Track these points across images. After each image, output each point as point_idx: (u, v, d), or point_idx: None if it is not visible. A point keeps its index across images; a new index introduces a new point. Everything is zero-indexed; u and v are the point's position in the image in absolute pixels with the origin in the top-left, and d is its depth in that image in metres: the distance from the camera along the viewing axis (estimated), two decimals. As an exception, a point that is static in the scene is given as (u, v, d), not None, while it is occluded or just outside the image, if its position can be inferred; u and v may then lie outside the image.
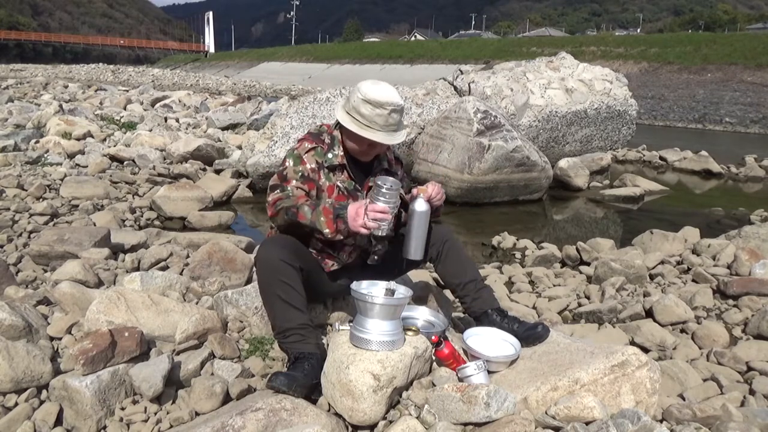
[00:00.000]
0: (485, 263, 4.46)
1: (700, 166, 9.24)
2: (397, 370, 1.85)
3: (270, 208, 2.14)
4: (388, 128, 2.15)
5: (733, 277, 3.70)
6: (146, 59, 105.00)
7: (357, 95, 2.14)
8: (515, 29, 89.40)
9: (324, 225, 2.00)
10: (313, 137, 2.25)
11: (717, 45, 28.62)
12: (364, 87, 2.16)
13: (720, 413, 1.99)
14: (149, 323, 2.28)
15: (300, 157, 2.18)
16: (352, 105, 2.15)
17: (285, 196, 2.11)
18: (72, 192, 5.27)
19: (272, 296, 2.06)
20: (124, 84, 30.53)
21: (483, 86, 7.79)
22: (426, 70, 36.87)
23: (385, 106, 2.11)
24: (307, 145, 2.20)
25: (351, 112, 2.16)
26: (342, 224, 1.99)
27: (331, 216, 2.00)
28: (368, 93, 2.12)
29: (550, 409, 1.79)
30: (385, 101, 2.11)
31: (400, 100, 2.16)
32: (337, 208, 2.02)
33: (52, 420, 1.89)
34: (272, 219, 2.16)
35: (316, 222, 2.01)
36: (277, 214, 2.11)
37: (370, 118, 2.12)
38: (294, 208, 2.05)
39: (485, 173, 6.26)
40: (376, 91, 2.14)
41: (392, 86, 2.22)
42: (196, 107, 13.37)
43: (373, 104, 2.11)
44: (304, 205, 2.05)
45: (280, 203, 2.10)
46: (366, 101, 2.11)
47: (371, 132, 2.13)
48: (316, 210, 2.03)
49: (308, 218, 2.02)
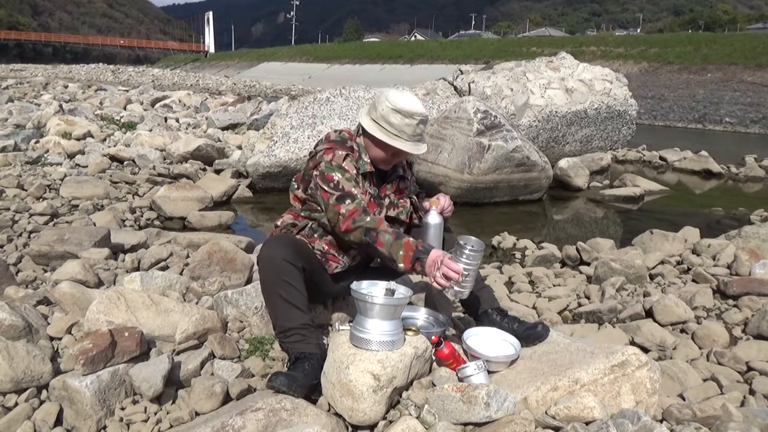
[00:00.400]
0: (485, 263, 4.46)
1: (700, 166, 9.24)
2: (397, 370, 1.85)
3: (345, 222, 2.04)
4: (415, 138, 2.17)
5: (733, 277, 3.70)
6: (146, 59, 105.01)
7: (386, 104, 2.14)
8: (515, 29, 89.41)
9: (401, 259, 1.98)
10: (340, 144, 2.19)
11: (717, 45, 28.63)
12: (393, 96, 2.16)
13: (720, 413, 1.99)
14: (149, 323, 2.28)
15: (341, 167, 2.13)
16: (380, 114, 2.14)
17: (360, 208, 2.05)
18: (72, 192, 5.27)
19: (274, 295, 2.06)
20: (124, 84, 30.53)
21: (483, 86, 7.79)
22: (426, 70, 36.88)
23: (415, 116, 2.13)
24: (341, 153, 2.15)
25: (378, 120, 2.16)
26: (419, 266, 1.97)
27: (411, 254, 1.97)
28: (398, 102, 2.13)
29: (550, 409, 1.79)
30: (414, 111, 2.13)
31: (426, 111, 2.19)
32: (419, 250, 1.97)
33: (52, 420, 1.89)
34: (344, 233, 2.07)
35: (394, 254, 1.98)
36: (354, 230, 2.03)
37: (399, 127, 2.13)
38: (374, 232, 2.01)
39: (485, 173, 6.26)
40: (406, 100, 2.15)
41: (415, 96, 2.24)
42: (196, 107, 13.37)
43: (403, 114, 2.12)
44: (385, 232, 2.01)
45: (359, 220, 2.03)
46: (396, 110, 2.12)
47: (400, 141, 2.14)
48: (396, 241, 1.98)
49: (386, 247, 1.99)
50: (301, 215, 2.28)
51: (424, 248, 1.99)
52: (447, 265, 1.92)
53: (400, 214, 2.33)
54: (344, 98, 6.80)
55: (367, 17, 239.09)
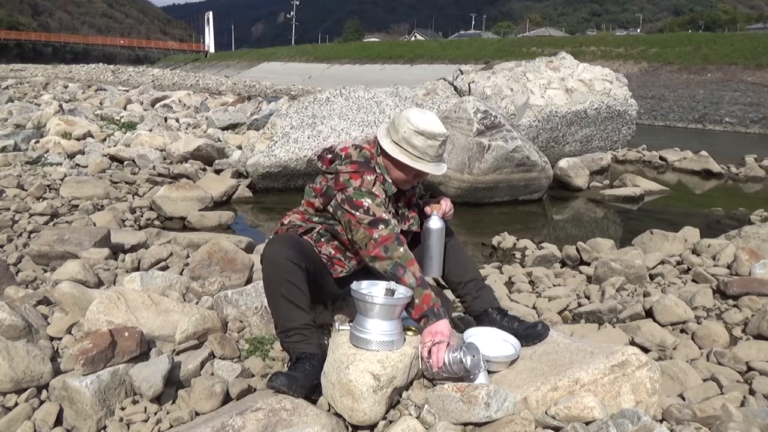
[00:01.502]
0: (485, 263, 4.46)
1: (700, 166, 9.23)
2: (397, 370, 1.85)
3: (376, 248, 2.02)
4: (437, 158, 2.16)
5: (733, 277, 3.69)
6: (146, 59, 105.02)
7: (408, 126, 2.11)
8: (515, 29, 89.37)
9: (414, 306, 1.99)
10: (365, 167, 2.14)
11: (717, 45, 28.61)
12: (414, 117, 2.13)
13: (720, 413, 1.99)
14: (149, 323, 2.28)
15: (371, 193, 2.09)
16: (402, 136, 2.12)
17: (393, 235, 2.04)
18: (72, 192, 5.27)
19: (277, 295, 2.06)
20: (124, 84, 30.53)
21: (483, 86, 7.79)
22: (426, 70, 36.88)
23: (438, 137, 2.12)
24: (369, 179, 2.12)
25: (401, 143, 2.13)
26: (424, 323, 1.98)
27: (425, 308, 1.97)
28: (420, 124, 2.11)
29: (550, 409, 1.79)
30: (438, 132, 2.12)
31: (446, 130, 2.18)
32: (432, 311, 1.97)
33: (52, 420, 1.89)
34: (372, 258, 2.04)
35: (412, 300, 1.99)
36: (384, 259, 2.02)
37: (422, 149, 2.11)
38: (402, 269, 2.00)
39: (485, 173, 6.26)
40: (428, 121, 2.13)
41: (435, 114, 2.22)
42: (196, 107, 13.37)
43: (426, 136, 2.10)
44: (413, 274, 2.00)
45: (392, 249, 2.02)
46: (419, 132, 2.10)
47: (423, 164, 2.13)
48: (418, 288, 1.99)
49: (407, 287, 1.99)
50: (313, 219, 2.25)
51: (437, 312, 1.98)
52: (437, 350, 1.92)
53: (412, 226, 2.33)
54: (344, 98, 6.80)
55: (367, 17, 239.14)
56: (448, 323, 2.00)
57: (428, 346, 1.93)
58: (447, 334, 1.95)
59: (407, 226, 2.32)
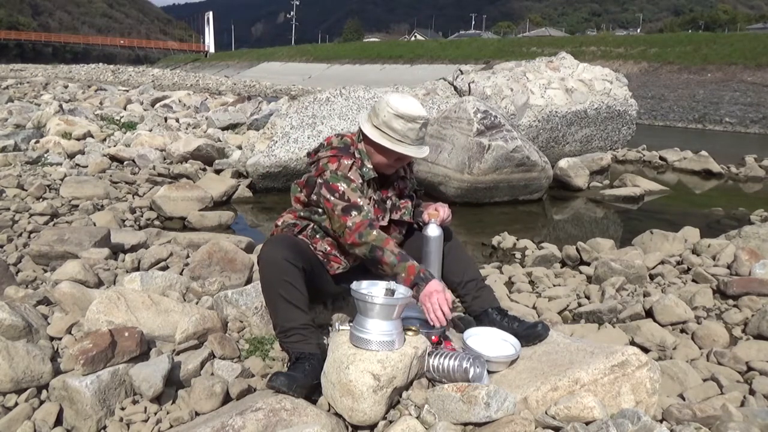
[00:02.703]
0: (485, 263, 4.45)
1: (700, 166, 9.23)
2: (397, 370, 1.85)
3: (351, 235, 2.05)
4: (418, 141, 2.17)
5: (733, 277, 3.69)
6: (146, 59, 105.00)
7: (387, 110, 2.13)
8: (515, 29, 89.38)
9: (402, 280, 2.03)
10: (344, 152, 2.18)
11: (717, 45, 28.61)
12: (394, 101, 2.14)
13: (720, 413, 1.99)
14: (149, 323, 2.28)
15: (347, 177, 2.13)
16: (382, 120, 2.13)
17: (367, 221, 2.07)
18: (72, 192, 5.27)
19: (275, 295, 2.06)
20: (124, 84, 30.53)
21: (483, 86, 7.79)
22: (426, 70, 36.88)
23: (417, 120, 2.14)
24: (346, 162, 2.15)
25: (381, 126, 2.15)
26: (416, 291, 2.02)
27: (412, 278, 2.02)
28: (399, 107, 2.12)
29: (550, 409, 1.79)
30: (417, 115, 2.13)
31: (427, 113, 2.19)
32: (420, 276, 2.02)
33: (52, 420, 1.89)
34: (350, 246, 2.09)
35: (398, 275, 2.03)
36: (360, 245, 2.05)
37: (402, 132, 2.13)
38: (380, 251, 2.03)
39: (485, 173, 6.26)
40: (407, 104, 2.14)
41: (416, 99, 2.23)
42: (196, 107, 13.36)
43: (406, 119, 2.12)
44: (391, 252, 2.04)
45: (366, 234, 2.04)
46: (398, 116, 2.12)
47: (404, 146, 2.14)
48: (401, 264, 2.02)
49: (390, 267, 2.03)
50: (302, 216, 2.29)
51: (425, 276, 2.03)
52: (438, 305, 1.97)
53: (404, 216, 2.33)
54: (344, 98, 6.80)
55: (367, 17, 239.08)
56: (438, 282, 2.05)
57: (431, 310, 1.99)
58: (440, 290, 2.01)
59: (399, 216, 2.32)
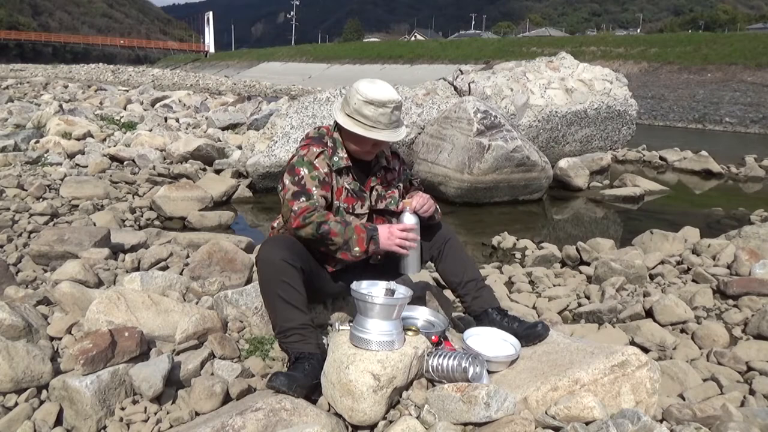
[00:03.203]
0: (485, 263, 4.46)
1: (700, 166, 9.23)
2: (397, 370, 1.85)
3: (296, 219, 2.06)
4: (392, 126, 2.17)
5: (733, 277, 3.70)
6: (146, 59, 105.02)
7: (357, 97, 2.14)
8: (515, 29, 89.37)
9: (356, 243, 2.06)
10: (317, 141, 2.23)
11: (717, 45, 28.60)
12: (363, 88, 2.16)
13: (720, 413, 1.99)
14: (149, 323, 2.28)
15: (311, 163, 2.16)
16: (353, 107, 2.15)
17: (312, 207, 2.07)
18: (72, 192, 5.28)
19: (273, 296, 2.06)
20: (124, 84, 30.53)
21: (483, 86, 7.79)
22: (426, 70, 36.87)
23: (387, 105, 2.13)
24: (315, 150, 2.19)
25: (353, 114, 2.15)
26: (374, 245, 2.07)
27: (364, 236, 2.06)
28: (368, 93, 2.13)
29: (550, 409, 1.79)
30: (387, 99, 2.13)
31: (399, 96, 2.18)
32: (369, 230, 2.07)
33: (52, 420, 1.89)
34: (296, 229, 2.08)
35: (349, 240, 2.05)
36: (305, 226, 2.05)
37: (374, 118, 2.13)
38: (326, 225, 2.05)
39: (485, 173, 6.26)
40: (376, 90, 2.15)
41: (387, 83, 2.23)
42: (196, 107, 13.37)
43: (376, 104, 2.12)
44: (335, 222, 2.06)
45: (309, 216, 2.05)
46: (368, 102, 2.12)
47: (377, 132, 2.15)
48: (348, 227, 2.06)
49: (341, 236, 2.05)
50: None
51: (372, 227, 2.11)
52: (400, 235, 2.07)
53: (389, 205, 2.33)
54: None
55: (367, 17, 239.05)
56: (383, 225, 2.15)
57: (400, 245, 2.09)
58: (392, 226, 2.13)
59: (384, 205, 2.33)
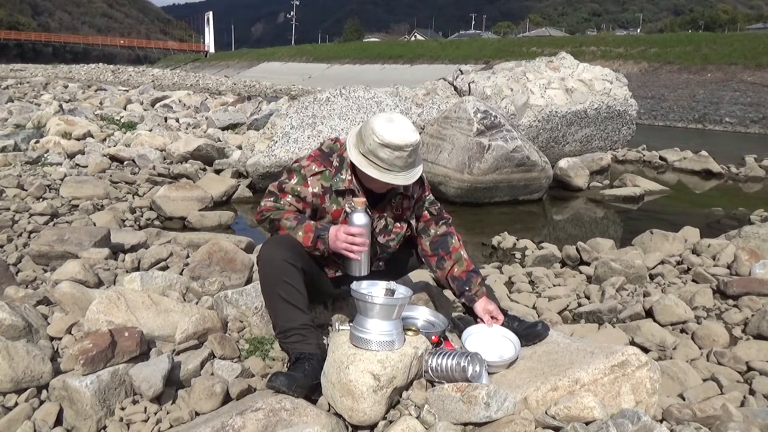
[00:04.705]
0: (485, 263, 4.46)
1: (700, 166, 9.23)
2: (397, 370, 1.85)
3: (257, 214, 2.20)
4: (408, 167, 2.05)
5: (733, 277, 3.70)
6: (146, 59, 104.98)
7: (373, 138, 1.98)
8: (515, 29, 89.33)
9: (301, 239, 2.07)
10: (323, 158, 2.15)
11: (717, 45, 28.58)
12: (379, 128, 1.98)
13: (720, 413, 1.99)
14: (149, 323, 2.28)
15: (305, 178, 2.13)
16: (369, 148, 2.00)
17: (275, 208, 2.15)
18: (72, 192, 5.28)
19: (274, 296, 2.05)
20: (124, 84, 30.52)
21: (483, 86, 7.79)
22: (426, 70, 36.84)
23: (405, 149, 1.98)
24: (314, 168, 2.12)
25: (368, 155, 2.01)
26: (322, 244, 2.07)
27: (311, 234, 2.07)
28: (385, 136, 1.97)
29: (550, 409, 1.79)
30: (404, 144, 1.98)
31: (417, 136, 2.03)
32: (319, 229, 2.07)
33: (52, 420, 1.89)
34: (258, 222, 2.21)
35: (294, 236, 2.08)
36: (262, 221, 2.18)
37: (390, 161, 1.99)
38: (277, 221, 2.12)
39: (485, 173, 6.26)
40: (394, 132, 1.98)
41: (405, 119, 2.06)
42: (196, 107, 13.37)
43: (392, 147, 1.97)
44: (286, 219, 2.11)
45: (267, 213, 2.15)
46: (384, 145, 1.97)
47: (392, 175, 2.02)
48: (298, 226, 2.09)
49: (289, 230, 2.10)
50: None
51: (322, 227, 2.08)
52: (348, 239, 2.01)
53: (390, 241, 2.25)
54: (344, 98, 6.80)
55: (367, 17, 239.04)
56: (335, 227, 2.06)
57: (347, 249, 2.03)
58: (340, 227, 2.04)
59: (385, 240, 2.23)
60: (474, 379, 1.88)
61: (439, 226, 2.32)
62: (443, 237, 2.30)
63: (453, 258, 2.28)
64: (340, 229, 2.04)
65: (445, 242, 2.29)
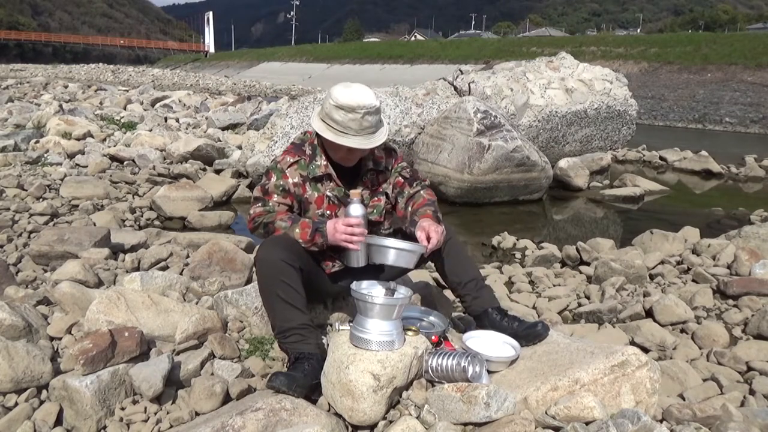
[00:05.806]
0: (485, 263, 4.46)
1: (700, 166, 9.23)
2: (397, 370, 1.85)
3: (249, 223, 2.18)
4: (364, 132, 2.10)
5: (733, 277, 3.70)
6: (146, 59, 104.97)
7: (329, 101, 2.09)
8: (515, 29, 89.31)
9: (298, 235, 2.06)
10: (296, 149, 2.25)
11: (717, 45, 28.56)
12: (335, 92, 2.10)
13: (720, 413, 1.99)
14: (149, 323, 2.28)
15: (283, 171, 2.19)
16: (326, 112, 2.11)
17: (265, 212, 2.15)
18: (72, 192, 5.28)
19: (272, 296, 2.05)
20: (124, 84, 30.52)
21: (483, 86, 7.78)
22: (426, 70, 36.82)
23: (357, 110, 2.05)
24: (289, 159, 2.21)
25: (325, 119, 2.12)
26: (320, 238, 2.06)
27: (308, 229, 2.06)
28: (339, 98, 2.07)
29: (550, 409, 1.79)
30: (356, 105, 2.04)
31: (374, 101, 2.09)
32: (316, 223, 2.08)
33: (52, 420, 1.89)
34: (251, 231, 2.19)
35: (291, 234, 2.07)
36: (256, 228, 2.16)
37: (344, 123, 2.07)
38: (271, 224, 2.11)
39: (485, 173, 6.26)
40: (348, 94, 2.07)
41: (366, 86, 2.14)
42: (196, 107, 13.37)
43: (346, 109, 2.05)
44: (280, 220, 2.10)
45: (259, 218, 2.14)
46: (338, 107, 2.06)
47: (347, 138, 2.09)
48: (294, 224, 2.08)
49: (284, 230, 2.09)
50: None
51: (319, 221, 2.09)
52: (347, 230, 2.01)
53: (371, 214, 2.28)
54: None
55: (367, 17, 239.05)
56: (332, 220, 2.08)
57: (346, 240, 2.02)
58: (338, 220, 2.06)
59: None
60: (474, 379, 1.88)
61: (413, 187, 2.34)
62: (416, 193, 2.33)
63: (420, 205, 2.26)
64: (339, 222, 2.06)
65: (415, 196, 2.31)
